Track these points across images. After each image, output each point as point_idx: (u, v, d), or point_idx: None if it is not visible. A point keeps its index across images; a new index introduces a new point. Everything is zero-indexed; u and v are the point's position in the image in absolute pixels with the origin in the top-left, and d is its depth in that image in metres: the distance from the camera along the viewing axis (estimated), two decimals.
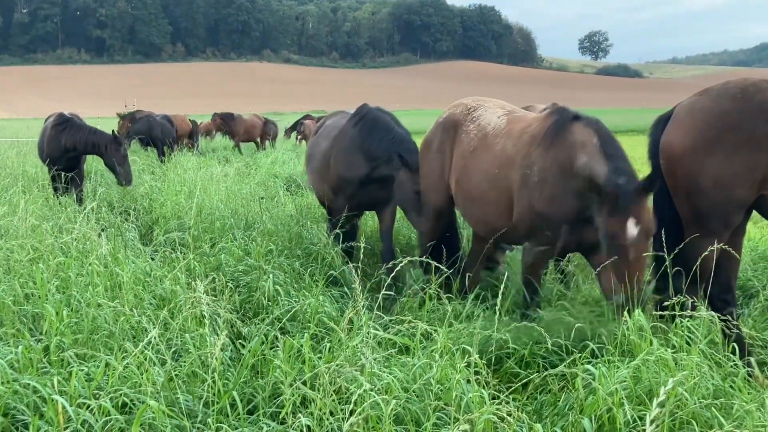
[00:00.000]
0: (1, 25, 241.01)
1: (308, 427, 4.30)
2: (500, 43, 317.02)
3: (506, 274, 6.48)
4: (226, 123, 34.30)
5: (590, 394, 4.88)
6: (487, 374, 4.72)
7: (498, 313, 4.85)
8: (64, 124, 13.79)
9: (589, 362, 5.26)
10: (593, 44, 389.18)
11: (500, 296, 4.63)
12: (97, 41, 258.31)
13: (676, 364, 5.15)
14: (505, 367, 5.94)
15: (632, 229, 6.02)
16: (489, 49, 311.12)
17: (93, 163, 19.23)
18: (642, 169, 6.78)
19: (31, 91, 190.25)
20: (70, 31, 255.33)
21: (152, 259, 9.01)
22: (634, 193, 6.10)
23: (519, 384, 5.02)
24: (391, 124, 9.62)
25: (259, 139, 35.02)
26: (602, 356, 5.67)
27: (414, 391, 4.67)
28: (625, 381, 4.91)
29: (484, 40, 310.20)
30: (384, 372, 4.54)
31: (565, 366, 5.06)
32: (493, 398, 4.56)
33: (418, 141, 9.30)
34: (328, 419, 4.34)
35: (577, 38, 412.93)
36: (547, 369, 5.40)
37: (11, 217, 9.86)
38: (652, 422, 2.81)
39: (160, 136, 25.32)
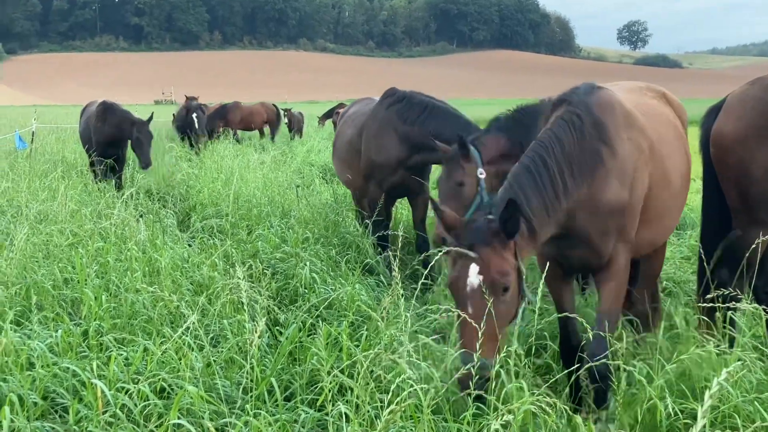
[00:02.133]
0: (41, 12, 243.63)
1: (345, 415, 4.29)
2: (538, 33, 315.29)
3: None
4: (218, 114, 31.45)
5: (632, 387, 4.84)
6: (526, 365, 4.68)
7: (537, 304, 4.80)
8: (107, 111, 14.00)
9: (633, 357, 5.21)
10: (632, 34, 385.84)
11: (540, 286, 4.59)
12: (135, 29, 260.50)
13: (718, 355, 5.08)
14: (542, 359, 5.91)
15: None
16: (526, 38, 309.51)
17: (131, 151, 19.38)
18: (693, 159, 6.62)
19: (70, 77, 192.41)
20: (109, 19, 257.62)
21: (189, 245, 9.05)
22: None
23: (560, 375, 4.97)
24: (448, 109, 9.41)
25: (267, 128, 33.54)
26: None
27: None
28: (667, 375, 4.85)
29: (521, 29, 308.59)
30: (422, 361, 4.51)
31: (605, 358, 5.00)
32: (532, 390, 4.52)
33: None
34: (365, 407, 4.32)
35: (616, 28, 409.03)
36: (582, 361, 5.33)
37: (51, 202, 9.95)
38: (703, 416, 2.75)
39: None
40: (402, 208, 12.28)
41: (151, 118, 14.47)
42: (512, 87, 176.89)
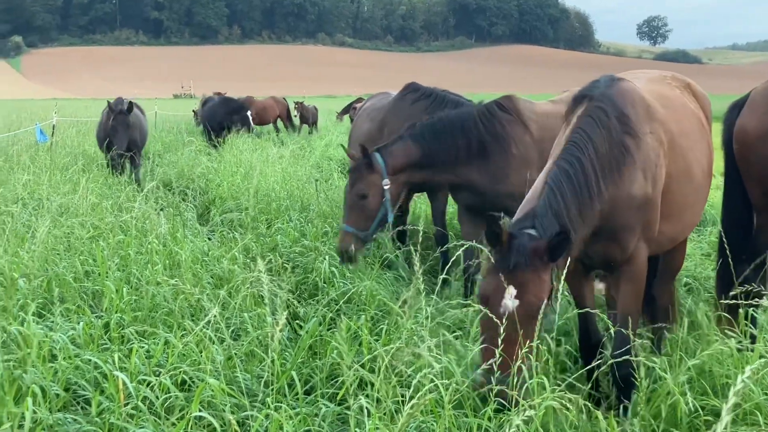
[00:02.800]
0: (61, 6, 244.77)
1: (366, 409, 4.29)
2: (557, 28, 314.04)
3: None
4: None
5: (652, 383, 4.82)
6: (547, 360, 4.67)
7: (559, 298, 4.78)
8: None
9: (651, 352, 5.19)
10: (652, 29, 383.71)
11: (562, 281, 4.56)
12: (154, 23, 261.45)
13: (739, 352, 5.05)
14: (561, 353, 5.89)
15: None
16: (545, 33, 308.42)
17: (151, 145, 19.51)
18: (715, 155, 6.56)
19: (89, 71, 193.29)
20: (128, 13, 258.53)
21: (209, 239, 9.09)
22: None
23: (582, 371, 4.95)
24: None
25: (279, 122, 33.38)
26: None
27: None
28: (689, 372, 4.83)
29: (540, 24, 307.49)
30: (442, 356, 4.51)
31: (628, 356, 4.97)
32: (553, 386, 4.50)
33: None
34: (386, 402, 4.33)
35: (636, 23, 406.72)
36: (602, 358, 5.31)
37: (72, 195, 10.00)
38: (727, 413, 2.73)
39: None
40: (419, 202, 12.27)
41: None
42: (531, 82, 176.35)
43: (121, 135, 13.91)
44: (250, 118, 24.06)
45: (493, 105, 7.80)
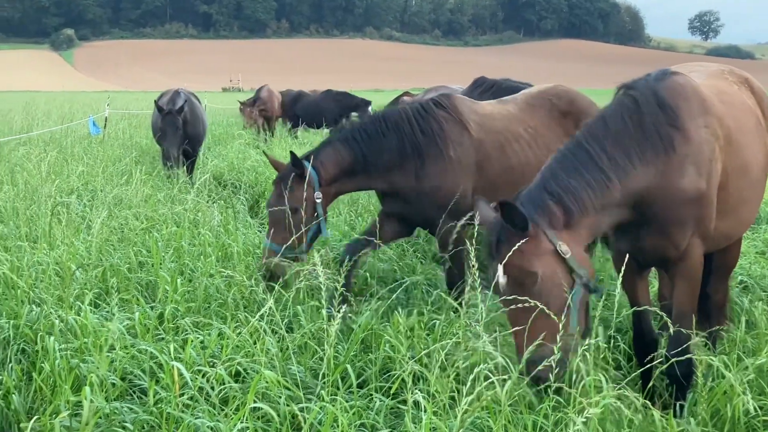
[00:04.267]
0: (113, 0, 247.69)
1: (418, 403, 4.28)
2: (607, 22, 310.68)
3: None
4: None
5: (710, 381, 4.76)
6: (605, 358, 4.64)
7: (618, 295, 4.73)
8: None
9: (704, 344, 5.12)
10: (703, 24, 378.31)
11: (619, 278, 4.52)
12: (204, 16, 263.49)
13: None
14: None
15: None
16: (595, 27, 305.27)
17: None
18: None
19: (140, 64, 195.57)
20: (178, 6, 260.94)
21: (260, 231, 9.14)
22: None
23: (641, 370, 4.91)
24: None
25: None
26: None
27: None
28: (746, 371, 4.75)
29: (590, 18, 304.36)
30: (497, 352, 4.48)
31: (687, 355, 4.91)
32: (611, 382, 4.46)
33: None
34: (441, 396, 4.32)
35: (687, 18, 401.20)
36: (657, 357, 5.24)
37: (126, 187, 10.13)
38: None
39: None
40: None
41: None
42: (581, 77, 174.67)
43: (170, 138, 13.14)
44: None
45: (430, 102, 7.18)
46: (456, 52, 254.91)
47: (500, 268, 4.55)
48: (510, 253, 4.48)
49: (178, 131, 13.27)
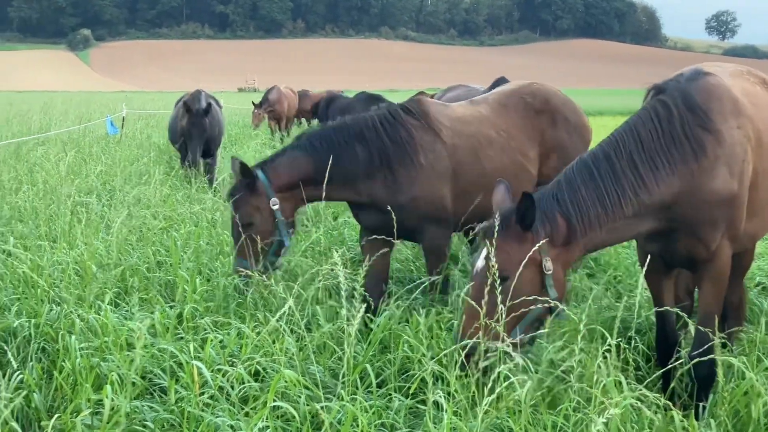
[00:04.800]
0: (129, 0, 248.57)
1: (438, 403, 4.29)
2: (623, 22, 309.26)
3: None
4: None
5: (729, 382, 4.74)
6: (624, 359, 4.63)
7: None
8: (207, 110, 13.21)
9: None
10: (720, 24, 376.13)
11: (641, 279, 4.52)
12: (220, 16, 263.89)
13: None
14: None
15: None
16: (611, 27, 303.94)
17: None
18: None
19: (156, 64, 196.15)
20: (195, 6, 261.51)
21: None
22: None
23: (661, 372, 4.89)
24: None
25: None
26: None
27: (548, 374, 4.62)
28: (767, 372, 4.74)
29: (606, 18, 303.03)
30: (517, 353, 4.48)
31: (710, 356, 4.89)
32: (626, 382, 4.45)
33: None
34: (459, 397, 4.32)
35: (704, 18, 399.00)
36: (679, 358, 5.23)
37: (145, 187, 10.17)
38: None
39: None
40: None
41: None
42: (597, 77, 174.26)
43: (195, 141, 12.81)
44: None
45: (398, 108, 6.86)
46: (472, 52, 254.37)
47: (484, 250, 4.68)
48: (500, 244, 4.59)
49: (204, 133, 13.01)
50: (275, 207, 6.49)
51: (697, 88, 5.10)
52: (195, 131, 12.87)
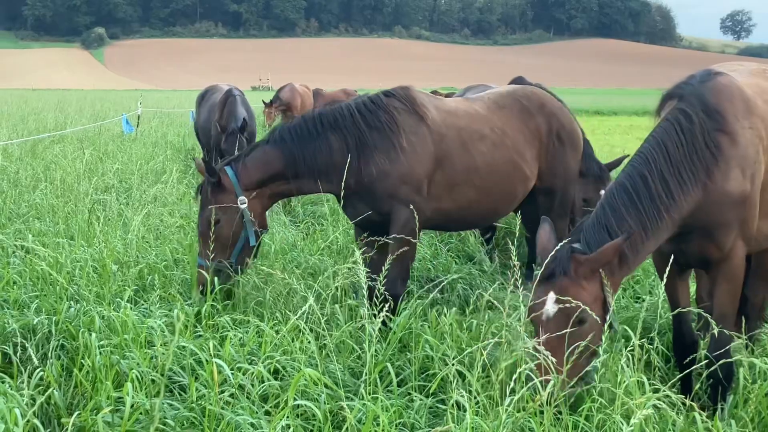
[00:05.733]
0: None
1: (458, 403, 4.27)
2: (637, 21, 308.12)
3: None
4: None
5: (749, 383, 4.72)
6: (646, 361, 4.60)
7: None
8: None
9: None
10: (735, 24, 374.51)
11: (663, 279, 4.49)
12: (233, 15, 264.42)
13: None
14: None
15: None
16: (625, 26, 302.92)
17: None
18: None
19: (170, 63, 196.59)
20: (208, 5, 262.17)
21: (293, 229, 9.17)
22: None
23: (684, 374, 4.87)
24: None
25: None
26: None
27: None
28: None
29: (620, 17, 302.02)
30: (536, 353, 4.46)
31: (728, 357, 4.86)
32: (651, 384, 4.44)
33: None
34: (480, 397, 4.31)
35: (719, 17, 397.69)
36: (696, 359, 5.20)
37: (162, 185, 10.20)
38: None
39: None
40: None
41: None
42: (611, 76, 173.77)
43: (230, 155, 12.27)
44: None
45: (379, 94, 6.79)
46: (485, 52, 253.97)
47: (552, 295, 4.56)
48: (572, 286, 4.55)
49: (243, 149, 12.61)
50: (243, 206, 6.37)
51: (710, 89, 5.10)
52: (231, 150, 12.37)
